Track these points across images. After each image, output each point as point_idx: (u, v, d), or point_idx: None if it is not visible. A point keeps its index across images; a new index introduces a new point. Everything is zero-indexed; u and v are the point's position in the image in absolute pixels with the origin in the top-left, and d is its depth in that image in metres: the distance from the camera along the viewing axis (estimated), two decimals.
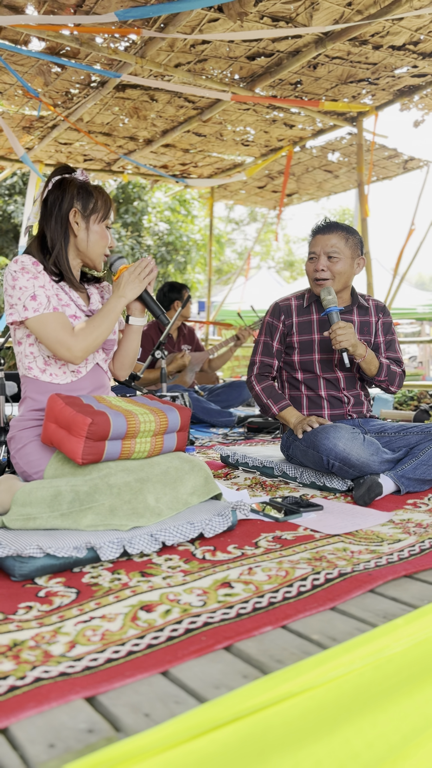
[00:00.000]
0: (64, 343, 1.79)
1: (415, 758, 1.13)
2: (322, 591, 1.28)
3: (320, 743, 0.97)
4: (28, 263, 1.85)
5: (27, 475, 1.82)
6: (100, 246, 1.95)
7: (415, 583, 1.34)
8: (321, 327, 2.44)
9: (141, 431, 1.71)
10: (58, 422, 1.67)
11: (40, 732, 0.85)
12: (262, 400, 2.44)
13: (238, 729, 0.87)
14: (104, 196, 1.95)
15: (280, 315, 2.50)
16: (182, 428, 1.85)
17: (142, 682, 0.98)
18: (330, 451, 2.12)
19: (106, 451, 1.64)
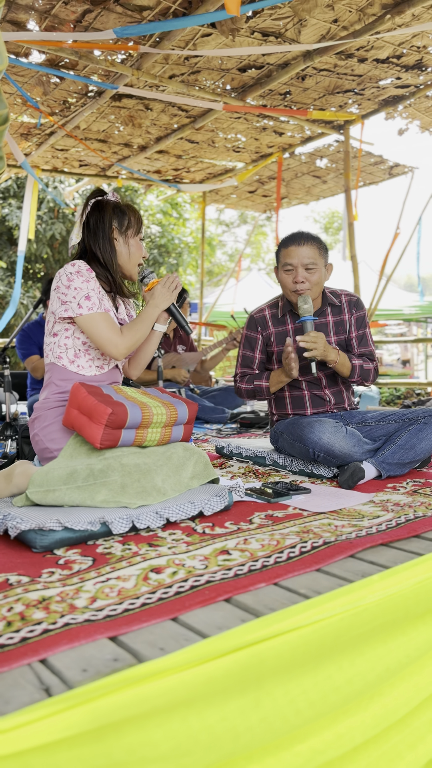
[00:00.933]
0: (112, 340, 2.03)
1: (390, 696, 1.32)
2: (309, 556, 1.46)
3: (307, 676, 1.15)
4: (84, 268, 2.07)
5: (48, 451, 2.00)
6: (137, 258, 2.19)
7: (390, 550, 1.53)
8: (297, 335, 2.56)
9: (153, 422, 1.91)
10: (80, 409, 1.86)
11: (74, 661, 1.02)
12: (252, 390, 2.58)
13: (237, 658, 1.04)
14: (136, 213, 2.19)
15: (256, 327, 2.62)
16: (189, 421, 2.04)
17: (156, 626, 1.15)
18: (315, 444, 2.30)
19: (121, 438, 1.84)
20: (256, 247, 24.80)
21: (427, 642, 1.35)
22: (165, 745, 0.94)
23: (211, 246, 19.28)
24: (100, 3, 3.44)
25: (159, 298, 2.16)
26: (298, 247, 2.47)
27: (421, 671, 1.36)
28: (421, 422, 2.35)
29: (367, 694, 1.27)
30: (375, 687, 1.27)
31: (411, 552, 1.51)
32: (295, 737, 1.13)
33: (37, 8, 3.51)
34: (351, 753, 1.22)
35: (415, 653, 1.33)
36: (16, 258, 11.07)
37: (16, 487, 1.88)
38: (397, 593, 1.29)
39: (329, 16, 3.64)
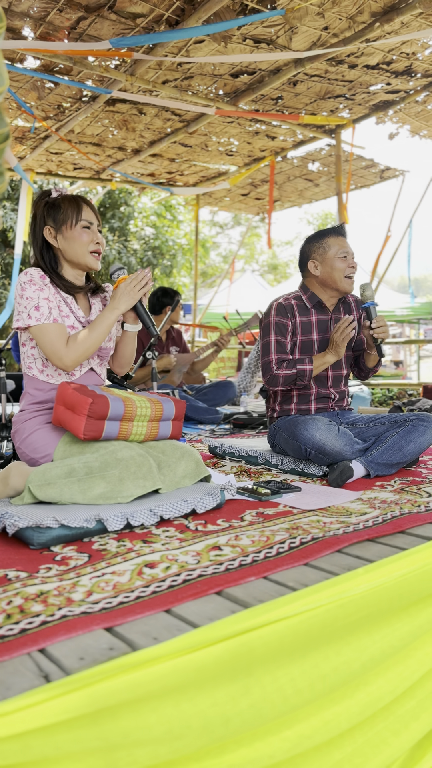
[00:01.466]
0: (56, 353, 2.00)
1: (375, 684, 1.37)
2: (297, 551, 1.51)
3: (294, 664, 1.20)
4: (36, 276, 2.05)
5: (34, 461, 2.04)
6: (81, 247, 2.07)
7: (376, 545, 1.59)
8: (319, 328, 2.66)
9: (138, 415, 1.97)
10: (65, 404, 1.92)
11: (71, 650, 1.07)
12: (293, 374, 2.52)
13: (227, 647, 1.09)
14: (71, 202, 2.08)
15: (286, 313, 2.62)
16: (177, 417, 2.09)
17: (150, 617, 1.20)
18: (308, 441, 2.36)
19: (105, 429, 1.89)
20: (250, 249, 24.89)
21: (411, 633, 1.40)
22: (158, 728, 0.99)
23: (205, 248, 19.34)
24: (94, 10, 3.49)
25: (119, 299, 2.07)
26: (345, 238, 2.64)
27: (405, 661, 1.41)
28: (410, 425, 2.42)
29: (353, 682, 1.32)
30: (360, 675, 1.33)
31: (396, 547, 1.57)
32: (283, 723, 1.18)
33: (32, 15, 3.56)
34: (337, 738, 1.27)
35: (399, 643, 1.38)
36: (10, 260, 11.09)
37: (12, 489, 1.92)
38: (381, 586, 1.34)
39: (320, 24, 3.71)
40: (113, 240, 12.48)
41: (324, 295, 2.67)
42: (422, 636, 1.45)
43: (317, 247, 2.63)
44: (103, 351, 2.21)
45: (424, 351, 14.78)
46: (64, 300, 2.11)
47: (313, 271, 2.63)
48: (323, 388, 2.68)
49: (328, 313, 2.69)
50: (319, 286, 2.67)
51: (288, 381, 2.55)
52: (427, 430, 2.41)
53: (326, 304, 2.67)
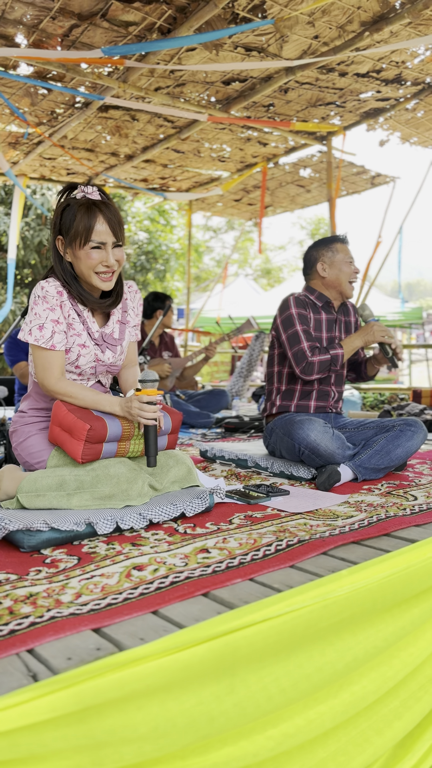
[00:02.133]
0: (44, 379, 1.93)
1: (359, 684, 1.40)
2: (284, 553, 1.54)
3: (279, 664, 1.23)
4: (52, 292, 1.93)
5: (29, 465, 2.06)
6: (87, 269, 1.92)
7: (361, 547, 1.61)
8: (328, 327, 2.75)
9: (135, 434, 1.95)
10: (61, 426, 1.90)
11: (59, 651, 1.10)
12: (327, 360, 2.56)
13: (212, 647, 1.12)
14: (87, 217, 1.88)
15: (305, 306, 2.71)
16: (173, 431, 2.09)
17: (137, 618, 1.23)
18: (303, 441, 2.40)
19: (103, 451, 1.89)
20: (243, 253, 24.96)
21: (394, 633, 1.43)
22: (144, 727, 1.02)
23: (198, 252, 19.39)
24: (86, 18, 3.53)
25: (127, 410, 1.88)
26: (349, 246, 2.79)
27: (389, 661, 1.44)
28: (397, 429, 2.46)
29: (337, 682, 1.35)
30: (344, 675, 1.35)
31: (380, 549, 1.60)
32: (267, 722, 1.21)
33: (25, 23, 3.59)
34: (321, 737, 1.30)
35: (383, 644, 1.41)
36: (3, 264, 11.10)
37: (4, 493, 1.94)
38: (365, 587, 1.37)
39: (310, 33, 3.75)
40: None
41: (329, 296, 2.78)
42: (405, 637, 1.48)
43: (327, 250, 2.76)
44: (113, 368, 2.13)
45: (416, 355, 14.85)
46: (80, 314, 2.01)
47: (321, 272, 2.74)
48: (325, 385, 2.73)
49: (334, 313, 2.79)
50: (324, 287, 2.78)
51: (323, 367, 2.57)
52: (415, 435, 2.44)
53: (333, 304, 2.78)
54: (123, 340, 2.13)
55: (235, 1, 3.38)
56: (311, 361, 2.56)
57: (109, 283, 1.97)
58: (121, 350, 2.12)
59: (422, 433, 2.48)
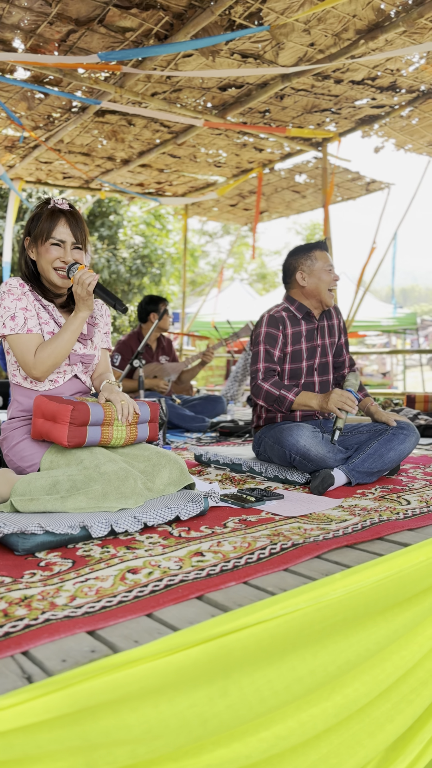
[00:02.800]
0: (26, 363, 2.04)
1: (351, 687, 1.41)
2: (278, 557, 1.55)
3: (272, 667, 1.23)
4: (15, 285, 2.09)
5: (21, 469, 2.07)
6: (45, 264, 2.10)
7: (354, 551, 1.63)
8: (308, 337, 2.74)
9: (117, 419, 2.01)
10: (44, 416, 1.94)
11: (54, 653, 1.10)
12: (275, 395, 2.51)
13: (206, 649, 1.13)
14: (50, 218, 2.08)
15: (278, 325, 2.67)
16: (152, 419, 2.15)
17: (132, 621, 1.23)
18: (293, 447, 2.41)
19: (87, 435, 1.92)
20: (239, 258, 25.02)
21: (386, 637, 1.44)
22: (138, 728, 1.02)
23: (194, 257, 19.43)
24: (84, 24, 3.55)
25: (78, 305, 2.06)
26: (328, 253, 2.76)
27: (381, 664, 1.45)
28: (390, 433, 2.47)
29: (329, 684, 1.36)
30: (336, 678, 1.36)
31: (374, 553, 1.61)
32: (260, 724, 1.21)
33: (23, 27, 3.60)
34: (313, 739, 1.30)
35: (375, 647, 1.42)
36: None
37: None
38: (358, 591, 1.38)
39: (306, 40, 3.78)
40: (102, 248, 12.52)
41: (310, 305, 2.76)
42: (397, 640, 1.49)
43: (305, 259, 2.73)
44: (86, 358, 2.21)
45: (410, 360, 14.91)
46: (45, 307, 2.14)
47: (301, 281, 2.72)
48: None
49: (315, 321, 2.77)
50: (304, 297, 2.75)
51: (269, 399, 2.54)
52: (407, 438, 2.46)
53: (313, 313, 2.76)
54: (92, 335, 2.26)
55: (231, 9, 3.41)
56: (260, 385, 2.56)
57: (66, 281, 2.13)
58: (93, 345, 2.24)
59: (414, 436, 2.50)
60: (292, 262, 2.77)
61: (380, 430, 2.52)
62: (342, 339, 2.88)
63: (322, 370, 2.78)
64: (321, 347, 2.79)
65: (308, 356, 2.73)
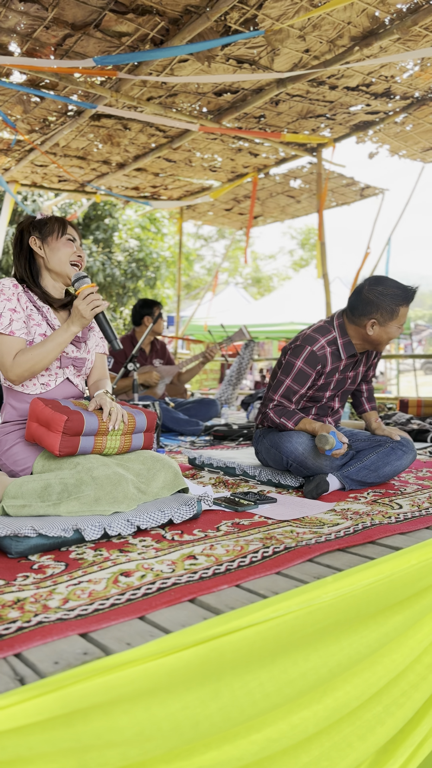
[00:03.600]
0: (3, 364, 2.03)
1: (342, 690, 1.42)
2: (270, 560, 1.56)
3: (263, 669, 1.24)
4: (8, 285, 2.09)
5: (14, 473, 2.07)
6: (65, 256, 2.15)
7: (346, 555, 1.64)
8: (344, 369, 2.57)
9: (111, 431, 2.00)
10: (39, 421, 1.94)
11: (46, 655, 1.11)
12: (275, 421, 2.48)
13: (197, 652, 1.13)
14: (58, 219, 2.20)
15: (317, 364, 2.47)
16: (149, 429, 2.13)
17: (124, 624, 1.24)
18: (290, 454, 2.41)
19: (80, 445, 1.92)
20: (234, 262, 25.05)
21: (378, 640, 1.45)
22: (129, 730, 1.03)
23: (189, 260, 19.45)
24: (80, 28, 3.56)
25: (72, 320, 2.03)
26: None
27: (372, 668, 1.46)
28: (388, 447, 2.47)
29: (320, 687, 1.36)
30: (327, 681, 1.37)
31: (365, 556, 1.62)
32: (251, 726, 1.22)
33: (19, 31, 3.61)
34: (304, 742, 1.31)
35: (366, 650, 1.43)
36: None
37: None
38: (349, 594, 1.39)
39: (301, 46, 3.81)
40: (97, 251, 12.53)
41: (360, 346, 2.55)
42: (389, 644, 1.50)
43: (388, 312, 2.42)
44: (78, 361, 2.20)
45: (404, 365, 14.95)
46: (39, 309, 2.14)
47: (369, 329, 2.45)
48: (323, 416, 2.69)
49: (356, 355, 2.59)
50: (360, 338, 2.51)
51: (274, 422, 2.51)
52: (405, 455, 2.46)
53: (357, 351, 2.56)
54: (87, 338, 2.27)
55: (227, 15, 3.43)
56: (268, 413, 2.52)
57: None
58: (86, 348, 2.25)
59: (412, 454, 2.50)
60: (373, 302, 2.43)
61: (380, 442, 2.52)
62: (372, 361, 2.74)
63: (342, 398, 2.70)
64: (351, 378, 2.65)
65: (334, 388, 2.60)
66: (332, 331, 2.51)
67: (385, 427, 2.65)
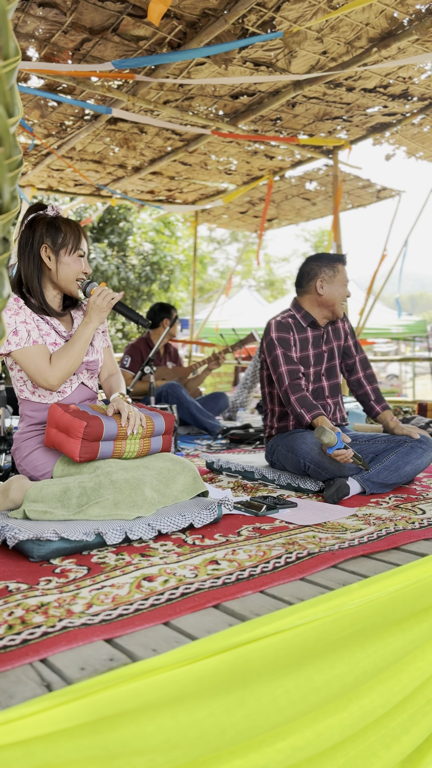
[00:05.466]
0: (41, 373, 2.02)
1: (368, 698, 1.40)
2: (294, 566, 1.54)
3: (289, 677, 1.23)
4: (10, 301, 2.06)
5: (34, 479, 2.07)
6: (71, 274, 2.11)
7: (370, 561, 1.62)
8: (314, 343, 2.74)
9: (131, 435, 2.00)
10: (58, 427, 1.94)
11: (72, 661, 1.10)
12: (296, 410, 2.51)
13: (224, 659, 1.12)
14: (73, 229, 2.11)
15: (287, 330, 2.69)
16: (167, 431, 2.13)
17: (149, 629, 1.23)
18: (306, 455, 2.40)
19: (100, 450, 1.92)
20: (247, 265, 25.04)
21: (403, 647, 1.43)
22: (156, 738, 1.02)
23: (203, 263, 19.47)
24: (98, 33, 3.57)
25: (89, 315, 2.09)
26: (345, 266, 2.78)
27: (397, 675, 1.44)
28: (408, 446, 2.45)
29: (346, 695, 1.35)
30: (353, 689, 1.35)
31: (390, 563, 1.60)
32: (277, 734, 1.21)
33: (37, 36, 3.63)
34: (330, 751, 1.29)
35: (392, 658, 1.41)
36: None
37: (12, 502, 1.95)
38: (376, 601, 1.37)
39: (318, 48, 3.79)
40: (112, 255, 12.57)
41: (318, 315, 2.75)
42: (414, 651, 1.48)
43: (329, 268, 2.72)
44: (91, 364, 2.21)
45: (420, 368, 14.85)
46: (43, 318, 2.12)
47: (319, 289, 2.71)
48: (320, 399, 2.72)
49: (321, 328, 2.77)
50: (316, 305, 2.74)
51: (293, 412, 2.53)
52: (425, 453, 2.44)
53: (319, 323, 2.75)
54: (93, 340, 2.24)
55: (245, 18, 3.43)
56: (288, 393, 2.55)
57: (77, 292, 2.16)
58: (94, 349, 2.24)
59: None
60: (313, 268, 2.75)
61: (399, 442, 2.50)
62: (350, 341, 2.87)
63: (330, 374, 2.78)
64: (328, 352, 2.79)
65: (315, 362, 2.74)
66: (289, 310, 2.80)
67: (403, 426, 2.63)
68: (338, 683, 1.30)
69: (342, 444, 2.26)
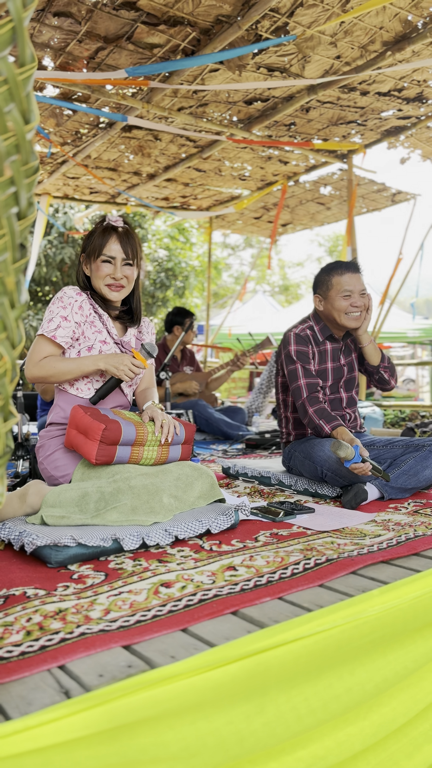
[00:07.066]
0: (31, 361, 2.08)
1: (389, 706, 1.38)
2: (312, 572, 1.53)
3: (308, 684, 1.21)
4: (69, 293, 2.13)
5: (54, 479, 2.08)
6: (99, 280, 2.15)
7: (390, 567, 1.60)
8: (333, 356, 2.69)
9: (149, 440, 2.00)
10: (78, 428, 1.95)
11: (91, 668, 1.09)
12: (314, 422, 2.49)
13: (243, 666, 1.11)
14: (103, 235, 2.13)
15: (306, 343, 2.63)
16: (187, 441, 2.12)
17: (167, 636, 1.22)
18: (324, 463, 2.38)
19: (117, 454, 1.92)
20: (262, 270, 25.04)
21: (425, 655, 1.41)
22: (175, 746, 1.01)
23: (217, 269, 19.51)
24: (112, 41, 3.60)
25: (107, 361, 2.05)
26: (354, 274, 2.59)
27: (419, 683, 1.41)
28: (427, 450, 2.42)
29: (367, 703, 1.33)
30: (374, 697, 1.33)
31: (410, 569, 1.58)
32: (297, 743, 1.19)
33: (53, 46, 3.67)
34: (350, 760, 1.27)
35: (413, 665, 1.38)
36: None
37: (29, 506, 1.96)
38: (396, 607, 1.35)
39: (332, 53, 3.79)
40: None
41: (332, 328, 2.69)
42: None
43: (323, 283, 2.63)
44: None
45: None
46: (101, 317, 2.18)
47: (317, 306, 2.67)
48: (337, 410, 2.69)
49: (339, 341, 2.71)
50: (326, 321, 2.68)
51: (311, 424, 2.51)
52: None
53: (336, 335, 2.69)
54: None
55: (258, 23, 3.43)
56: (305, 407, 2.52)
57: (116, 294, 2.17)
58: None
59: None
60: (316, 281, 2.68)
61: (417, 445, 2.47)
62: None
63: (348, 386, 2.74)
64: (347, 365, 2.73)
65: (334, 375, 2.68)
66: (308, 321, 2.73)
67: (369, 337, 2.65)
68: (359, 691, 1.28)
69: (359, 458, 2.20)
